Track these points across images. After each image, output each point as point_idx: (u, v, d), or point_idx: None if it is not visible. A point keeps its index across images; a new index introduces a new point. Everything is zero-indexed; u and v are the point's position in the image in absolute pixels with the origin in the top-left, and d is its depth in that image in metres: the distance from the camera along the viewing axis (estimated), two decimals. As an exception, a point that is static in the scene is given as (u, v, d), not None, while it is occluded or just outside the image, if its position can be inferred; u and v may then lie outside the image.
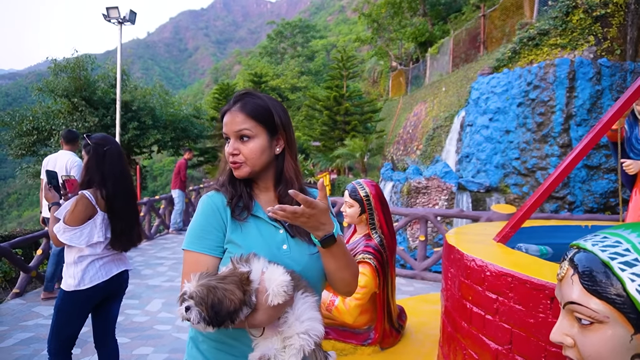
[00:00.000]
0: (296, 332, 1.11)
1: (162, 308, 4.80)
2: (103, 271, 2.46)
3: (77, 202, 2.35)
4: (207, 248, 1.21)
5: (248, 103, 1.26)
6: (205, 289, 1.02)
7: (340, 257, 1.20)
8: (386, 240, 2.67)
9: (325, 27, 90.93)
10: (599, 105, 6.37)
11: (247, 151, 1.23)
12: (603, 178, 6.37)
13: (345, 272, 1.24)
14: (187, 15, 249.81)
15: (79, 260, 2.41)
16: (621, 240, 0.69)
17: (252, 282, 1.07)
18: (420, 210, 6.15)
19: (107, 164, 2.44)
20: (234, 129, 1.23)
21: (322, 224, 1.12)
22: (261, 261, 1.13)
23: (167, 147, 19.29)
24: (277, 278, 1.07)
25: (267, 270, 1.10)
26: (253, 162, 1.24)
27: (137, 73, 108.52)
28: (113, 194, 2.44)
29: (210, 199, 1.28)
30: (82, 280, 2.40)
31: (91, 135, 2.54)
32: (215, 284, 1.03)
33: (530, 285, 1.58)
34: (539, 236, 2.96)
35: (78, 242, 2.35)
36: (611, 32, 6.93)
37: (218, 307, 1.01)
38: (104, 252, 2.47)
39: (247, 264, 1.11)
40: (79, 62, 16.22)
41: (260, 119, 1.24)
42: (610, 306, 0.66)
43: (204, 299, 1.01)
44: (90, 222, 2.39)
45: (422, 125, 16.25)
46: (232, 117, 1.24)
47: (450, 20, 21.89)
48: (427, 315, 3.33)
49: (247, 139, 1.24)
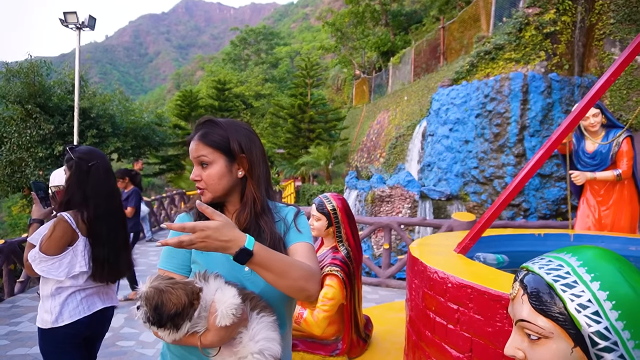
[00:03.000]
0: (250, 351, 1.14)
1: (125, 323, 4.69)
2: (85, 305, 2.12)
3: (55, 226, 2.03)
4: (176, 267, 1.29)
5: (207, 131, 1.32)
6: (153, 290, 1.07)
7: (271, 266, 1.12)
8: (353, 252, 2.74)
9: (289, 34, 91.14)
10: (550, 117, 6.74)
11: (205, 177, 1.29)
12: (554, 186, 6.73)
13: (287, 279, 1.15)
14: (148, 19, 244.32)
15: (57, 292, 2.08)
16: (563, 263, 0.78)
17: (200, 299, 1.11)
18: (384, 219, 6.30)
19: (90, 182, 2.14)
20: (194, 156, 1.31)
21: (226, 242, 1.05)
22: (217, 281, 1.17)
23: (128, 155, 18.80)
24: (226, 300, 1.10)
25: (220, 291, 1.14)
26: (213, 187, 1.30)
27: (94, 77, 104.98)
28: (96, 216, 2.11)
29: (181, 219, 1.36)
30: (60, 315, 2.06)
31: (75, 148, 2.22)
32: (163, 287, 1.08)
33: (488, 296, 1.69)
34: (496, 245, 3.11)
35: (57, 273, 2.03)
36: (560, 48, 7.36)
37: (161, 309, 1.05)
38: (88, 283, 2.13)
39: (204, 281, 1.16)
40: (33, 66, 15.56)
41: (216, 146, 1.30)
42: (554, 323, 0.74)
43: (150, 299, 1.06)
44: (70, 250, 2.07)
45: (385, 134, 16.59)
46: (193, 145, 1.31)
47: (411, 31, 22.51)
48: (393, 323, 3.42)
49: (206, 165, 1.30)
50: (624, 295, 0.72)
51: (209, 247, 1.05)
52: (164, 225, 1.03)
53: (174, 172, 24.10)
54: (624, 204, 3.92)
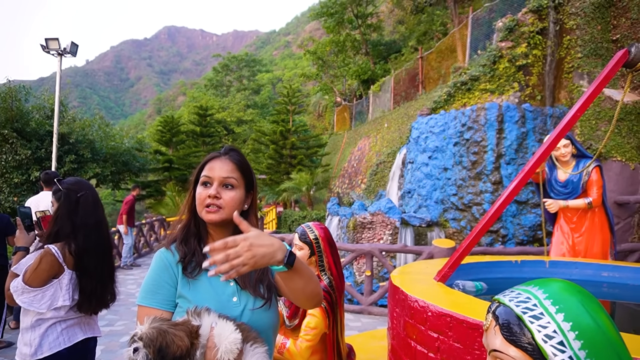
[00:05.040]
0: None
1: (101, 355, 4.56)
2: (65, 336, 2.07)
3: (41, 258, 2.01)
4: (159, 303, 1.26)
5: (239, 156, 1.37)
6: (155, 332, 1.05)
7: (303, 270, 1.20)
8: (335, 281, 2.77)
9: (271, 61, 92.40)
10: (524, 145, 6.97)
11: (228, 198, 1.30)
12: (531, 212, 6.91)
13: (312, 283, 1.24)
14: (130, 45, 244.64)
15: (36, 324, 2.03)
16: (530, 296, 0.84)
17: (200, 337, 1.11)
18: (366, 246, 6.34)
19: (80, 213, 2.12)
20: (223, 175, 1.30)
21: (271, 246, 1.07)
22: (211, 316, 1.17)
23: (107, 181, 18.52)
24: (229, 335, 1.11)
25: (216, 325, 1.14)
26: (230, 210, 1.30)
27: (73, 102, 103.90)
28: (84, 248, 2.10)
29: (163, 254, 1.33)
30: (40, 347, 2.00)
31: (63, 179, 2.24)
32: (166, 329, 1.06)
33: (467, 325, 1.74)
34: (474, 272, 3.18)
35: (38, 306, 1.99)
36: (532, 80, 7.68)
37: (165, 351, 1.03)
38: (69, 314, 2.09)
39: (198, 318, 1.16)
40: (11, 91, 15.38)
41: (244, 173, 1.35)
42: (524, 353, 0.79)
43: (153, 341, 1.04)
44: (55, 283, 2.03)
45: (366, 160, 16.80)
46: (222, 163, 1.32)
47: (390, 60, 23.12)
48: (375, 352, 3.43)
49: (230, 187, 1.31)
50: (585, 325, 0.77)
51: (256, 254, 1.04)
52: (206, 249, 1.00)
53: (154, 198, 23.77)
54: (595, 231, 4.06)
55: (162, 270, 1.29)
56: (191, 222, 1.37)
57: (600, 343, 0.77)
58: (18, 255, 2.16)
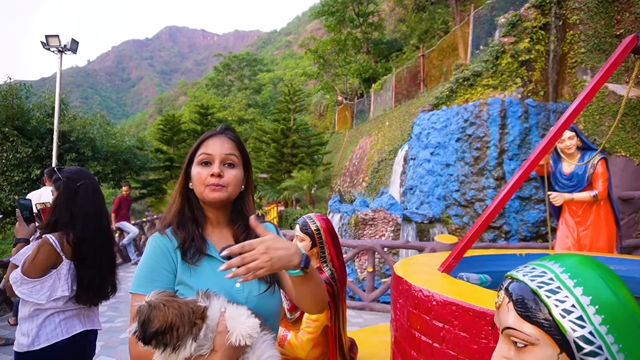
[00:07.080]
0: None
1: (101, 351, 4.52)
2: (63, 327, 2.03)
3: (39, 248, 1.98)
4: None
5: (236, 135, 1.33)
6: (146, 305, 1.04)
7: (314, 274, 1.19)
8: (337, 273, 2.72)
9: (272, 61, 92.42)
10: (527, 141, 6.91)
11: (231, 177, 1.26)
12: (534, 208, 6.85)
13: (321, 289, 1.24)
14: (131, 45, 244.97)
15: (34, 314, 2.00)
16: (546, 270, 0.79)
17: (207, 318, 1.07)
18: (367, 242, 6.29)
19: (78, 202, 2.08)
20: (224, 152, 1.27)
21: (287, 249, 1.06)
22: (220, 300, 1.14)
23: (108, 180, 18.49)
24: (245, 320, 1.08)
25: (226, 310, 1.11)
26: (233, 189, 1.27)
27: (75, 102, 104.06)
28: (82, 237, 2.06)
29: (158, 239, 1.26)
30: (37, 338, 1.97)
31: (63, 168, 2.20)
32: (156, 303, 1.04)
33: (473, 313, 1.69)
34: (478, 265, 3.13)
35: (37, 297, 1.97)
36: (535, 75, 7.62)
37: (146, 325, 1.02)
38: (68, 305, 2.06)
39: (207, 300, 1.12)
40: (12, 89, 15.36)
41: (242, 152, 1.32)
42: (540, 329, 0.74)
43: (141, 314, 1.03)
44: (53, 273, 2.01)
45: (368, 158, 16.75)
46: (221, 141, 1.29)
47: (392, 59, 23.07)
48: (377, 346, 3.38)
49: (232, 166, 1.27)
50: (606, 299, 0.73)
51: (273, 257, 1.03)
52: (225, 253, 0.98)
53: (155, 196, 23.76)
54: (601, 224, 4.01)
55: (159, 256, 1.22)
56: (185, 207, 1.31)
57: (622, 318, 0.72)
58: (18, 246, 2.13)
